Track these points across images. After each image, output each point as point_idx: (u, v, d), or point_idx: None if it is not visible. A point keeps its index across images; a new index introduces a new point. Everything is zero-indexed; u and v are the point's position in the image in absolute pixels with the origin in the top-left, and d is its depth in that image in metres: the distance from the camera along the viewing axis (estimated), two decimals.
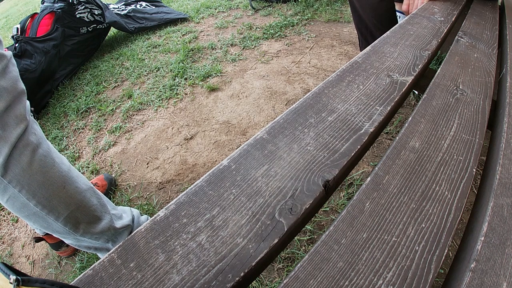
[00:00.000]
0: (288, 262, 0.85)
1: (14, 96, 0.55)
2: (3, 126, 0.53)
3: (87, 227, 0.67)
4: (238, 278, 0.29)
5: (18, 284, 0.19)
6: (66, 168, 0.63)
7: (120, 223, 0.73)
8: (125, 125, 1.50)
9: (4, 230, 1.11)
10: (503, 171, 0.42)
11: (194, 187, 0.38)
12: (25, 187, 0.57)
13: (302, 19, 2.19)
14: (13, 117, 0.54)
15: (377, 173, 0.40)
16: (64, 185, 0.62)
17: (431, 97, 0.55)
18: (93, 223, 0.67)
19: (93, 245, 0.71)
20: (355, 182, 1.03)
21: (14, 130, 0.54)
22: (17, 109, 0.55)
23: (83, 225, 0.66)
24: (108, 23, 2.20)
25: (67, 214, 0.63)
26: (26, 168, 0.56)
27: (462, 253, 0.37)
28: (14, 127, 0.54)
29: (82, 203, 0.65)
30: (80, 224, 0.65)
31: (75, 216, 0.64)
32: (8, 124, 0.54)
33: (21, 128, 0.56)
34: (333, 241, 0.33)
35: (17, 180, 0.56)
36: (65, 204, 0.62)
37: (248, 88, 1.59)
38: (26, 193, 0.57)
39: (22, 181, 0.56)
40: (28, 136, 0.57)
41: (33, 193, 0.58)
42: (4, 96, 0.53)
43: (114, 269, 0.30)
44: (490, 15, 0.96)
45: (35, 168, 0.57)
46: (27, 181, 0.57)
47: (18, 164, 0.55)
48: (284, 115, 0.48)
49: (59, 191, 0.61)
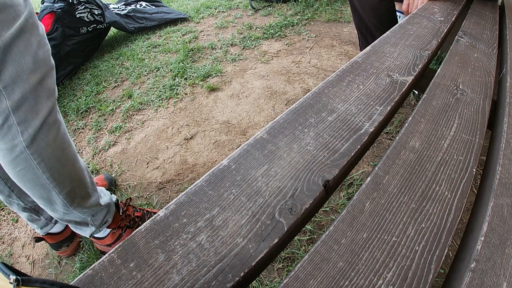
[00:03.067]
0: (288, 262, 0.85)
1: (48, 69, 0.56)
2: (36, 98, 0.54)
3: (81, 201, 0.72)
4: (238, 278, 0.29)
5: (18, 284, 0.19)
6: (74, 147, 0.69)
7: (103, 200, 0.81)
8: (125, 125, 1.50)
9: (4, 230, 1.11)
10: (503, 171, 0.42)
11: (194, 187, 0.38)
12: (45, 161, 0.59)
13: (302, 19, 2.19)
14: (46, 90, 0.56)
15: (377, 173, 0.40)
16: (74, 162, 0.67)
17: (431, 97, 0.55)
18: (85, 198, 0.73)
19: (75, 219, 0.75)
20: (355, 182, 1.03)
21: (45, 104, 0.56)
22: (49, 82, 0.57)
23: (77, 199, 0.71)
24: (108, 23, 2.20)
25: (70, 189, 0.67)
26: (51, 143, 0.59)
27: (462, 253, 0.37)
28: (46, 100, 0.56)
29: (82, 180, 0.71)
30: (76, 198, 0.70)
31: (75, 191, 0.69)
32: (40, 96, 0.55)
33: (51, 102, 0.58)
34: (333, 241, 0.33)
35: (39, 153, 0.58)
36: (71, 179, 0.66)
37: (248, 88, 1.59)
38: (44, 166, 0.59)
39: (43, 155, 0.58)
40: (56, 112, 0.60)
41: (50, 167, 0.60)
42: (41, 67, 0.54)
43: (114, 269, 0.30)
44: (490, 15, 0.96)
45: (57, 144, 0.60)
46: (48, 155, 0.59)
47: (45, 138, 0.57)
48: (284, 115, 0.48)
49: (70, 167, 0.65)
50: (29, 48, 0.52)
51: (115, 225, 0.88)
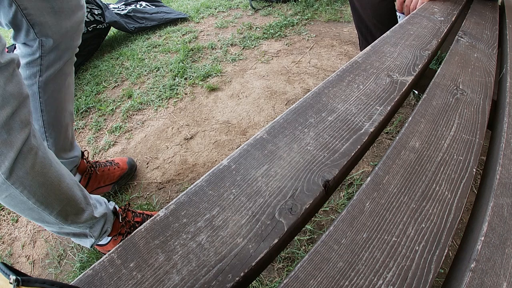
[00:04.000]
0: (288, 262, 0.85)
1: (19, 101, 0.55)
2: (8, 131, 0.54)
3: (74, 218, 0.72)
4: (238, 278, 0.29)
5: (18, 284, 0.19)
6: (58, 165, 0.67)
7: (98, 212, 0.79)
8: (125, 125, 1.50)
9: (4, 230, 1.11)
10: (503, 171, 0.42)
11: (194, 187, 0.38)
12: (27, 188, 0.59)
13: (302, 19, 2.19)
14: (18, 122, 0.55)
15: (377, 173, 0.40)
16: (59, 183, 0.65)
17: (431, 97, 0.55)
18: (78, 214, 0.73)
19: (73, 232, 0.76)
20: (355, 182, 1.03)
21: (19, 135, 0.56)
22: (22, 114, 0.56)
23: (71, 217, 0.71)
24: (108, 23, 2.20)
25: (60, 209, 0.67)
26: (29, 171, 0.58)
27: (462, 253, 0.37)
28: (19, 131, 0.56)
29: (72, 197, 0.69)
30: (68, 216, 0.70)
31: (66, 209, 0.68)
32: (13, 129, 0.55)
33: (26, 132, 0.57)
34: (333, 241, 0.33)
35: (20, 182, 0.58)
36: (59, 200, 0.66)
37: (248, 88, 1.59)
38: (27, 193, 0.60)
39: (24, 183, 0.59)
40: (31, 140, 0.59)
41: (34, 193, 0.61)
42: (11, 102, 0.54)
43: (114, 269, 0.30)
44: (490, 15, 0.96)
45: (37, 170, 0.60)
46: (29, 182, 0.59)
47: (22, 168, 0.57)
48: (284, 115, 0.48)
49: (55, 189, 0.64)
50: None
51: (116, 232, 0.87)
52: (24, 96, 0.57)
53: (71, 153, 0.95)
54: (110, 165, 1.13)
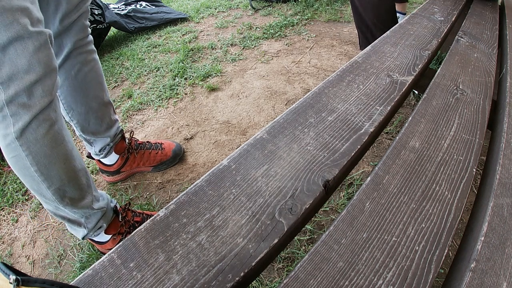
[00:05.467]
0: (288, 262, 0.85)
1: (46, 71, 0.60)
2: (29, 96, 0.59)
3: (71, 201, 0.74)
4: (238, 278, 0.29)
5: (18, 284, 0.19)
6: (71, 146, 0.71)
7: (97, 205, 0.82)
8: (125, 125, 1.49)
9: (4, 230, 1.11)
10: (503, 171, 0.42)
11: (194, 187, 0.38)
12: (32, 154, 0.63)
13: (302, 19, 2.19)
14: (40, 90, 0.60)
15: (377, 173, 0.40)
16: (65, 161, 0.69)
17: (431, 97, 0.55)
18: (76, 199, 0.75)
19: (68, 216, 0.78)
20: (355, 182, 1.03)
21: (39, 102, 0.60)
22: (46, 84, 0.61)
23: (67, 199, 0.73)
24: (108, 23, 2.20)
25: (58, 186, 0.69)
26: (39, 139, 0.63)
27: (462, 253, 0.37)
28: (39, 99, 0.60)
29: (73, 180, 0.72)
30: (65, 197, 0.72)
31: (64, 189, 0.71)
32: (34, 95, 0.59)
33: (45, 102, 0.61)
34: (333, 241, 0.33)
35: (27, 145, 0.62)
36: (60, 177, 0.69)
37: (248, 88, 1.59)
38: (31, 159, 0.64)
39: (31, 148, 0.63)
40: (50, 111, 0.63)
41: (37, 161, 0.64)
42: (37, 70, 0.58)
43: (114, 269, 0.30)
44: (490, 15, 0.96)
45: (47, 140, 0.64)
46: (36, 149, 0.63)
47: (34, 133, 0.62)
48: (284, 115, 0.48)
49: (59, 165, 0.68)
50: (25, 51, 0.57)
51: (115, 231, 0.88)
52: (51, 68, 0.61)
53: (102, 134, 1.00)
54: (155, 148, 1.18)
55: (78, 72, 0.87)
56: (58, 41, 0.81)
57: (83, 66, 0.87)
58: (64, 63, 0.84)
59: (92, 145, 1.04)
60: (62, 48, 0.82)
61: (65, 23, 0.78)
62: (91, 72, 0.90)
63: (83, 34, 0.84)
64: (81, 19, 0.82)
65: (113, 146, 1.06)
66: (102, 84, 0.95)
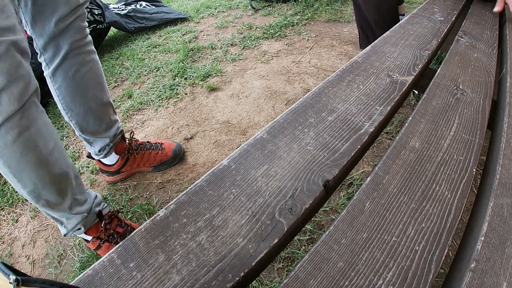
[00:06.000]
0: (288, 262, 0.85)
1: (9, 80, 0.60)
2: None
3: (47, 203, 0.74)
4: (238, 278, 0.29)
5: (18, 284, 0.19)
6: (47, 152, 0.69)
7: (77, 209, 0.81)
8: (125, 125, 1.49)
9: (4, 230, 1.11)
10: (503, 171, 0.42)
11: (194, 187, 0.38)
12: (4, 158, 0.64)
13: (302, 19, 2.19)
14: (6, 98, 0.60)
15: (377, 173, 0.40)
16: (37, 168, 0.68)
17: (431, 97, 0.55)
18: (53, 202, 0.75)
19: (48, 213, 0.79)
20: (355, 182, 1.03)
21: (5, 110, 0.60)
22: (12, 92, 0.60)
23: (43, 201, 0.73)
24: (108, 23, 2.20)
25: (32, 189, 0.70)
26: (8, 144, 0.63)
27: (462, 253, 0.37)
28: (6, 107, 0.60)
29: (49, 185, 0.71)
30: (41, 199, 0.72)
31: (39, 192, 0.71)
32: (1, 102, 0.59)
33: (13, 109, 0.61)
34: (333, 241, 0.33)
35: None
36: (32, 182, 0.69)
37: (248, 88, 1.59)
38: (3, 161, 0.65)
39: (2, 152, 0.63)
40: (19, 118, 0.63)
41: (9, 165, 0.65)
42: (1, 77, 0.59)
43: (114, 269, 0.30)
44: (490, 15, 0.96)
45: (16, 147, 0.64)
46: (6, 154, 0.64)
47: (2, 139, 0.62)
48: (284, 115, 0.48)
49: (30, 171, 0.67)
50: None
51: (95, 235, 0.89)
52: (16, 77, 0.60)
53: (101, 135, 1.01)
54: (155, 149, 1.17)
55: (76, 73, 0.87)
56: (55, 42, 0.82)
57: (81, 66, 0.87)
58: (61, 64, 0.84)
59: (92, 145, 1.03)
60: (59, 49, 0.83)
61: (61, 26, 0.79)
62: (90, 72, 0.90)
63: (80, 35, 0.84)
64: (77, 21, 0.82)
65: (113, 146, 1.06)
66: (101, 85, 0.95)
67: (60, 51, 0.83)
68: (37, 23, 0.78)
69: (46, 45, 0.82)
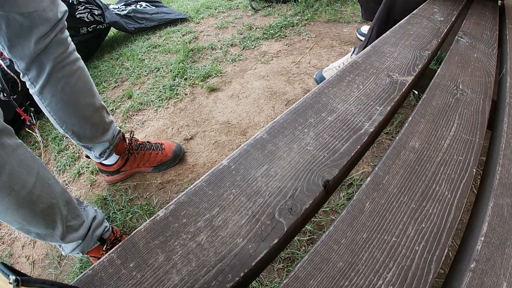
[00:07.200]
0: (288, 262, 0.85)
1: None
2: None
3: (37, 235, 0.70)
4: (238, 278, 0.29)
5: (17, 284, 0.19)
6: (26, 192, 0.63)
7: (71, 237, 0.76)
8: (125, 125, 1.50)
9: (4, 230, 1.11)
10: (503, 171, 0.42)
11: (194, 187, 0.38)
12: None
13: (302, 19, 2.19)
14: None
15: (377, 173, 0.40)
16: (18, 209, 0.63)
17: (431, 97, 0.55)
18: (43, 234, 0.71)
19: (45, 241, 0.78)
20: (355, 182, 1.03)
21: None
22: None
23: (33, 234, 0.70)
24: (108, 23, 2.20)
25: (19, 227, 0.66)
26: None
27: (462, 253, 0.37)
28: None
29: (35, 221, 0.67)
30: (31, 233, 0.69)
31: (27, 228, 0.67)
32: None
33: None
34: (333, 241, 0.33)
35: None
36: (17, 221, 0.65)
37: (248, 88, 1.59)
38: None
39: None
40: None
41: None
42: None
43: (113, 269, 0.30)
44: (490, 15, 0.96)
45: None
46: None
47: None
48: (284, 115, 0.48)
49: (12, 213, 0.63)
50: None
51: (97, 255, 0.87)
52: None
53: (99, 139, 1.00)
54: (155, 149, 1.17)
55: (65, 86, 0.83)
56: (37, 62, 0.77)
57: (69, 78, 0.84)
58: (48, 81, 0.80)
59: (91, 150, 1.03)
60: (43, 67, 0.79)
61: (41, 45, 0.74)
62: (79, 82, 0.87)
63: (63, 48, 0.80)
64: (58, 35, 0.78)
65: (113, 148, 1.05)
66: (92, 91, 0.92)
67: (45, 69, 0.79)
68: (15, 46, 0.73)
69: (28, 66, 0.77)
